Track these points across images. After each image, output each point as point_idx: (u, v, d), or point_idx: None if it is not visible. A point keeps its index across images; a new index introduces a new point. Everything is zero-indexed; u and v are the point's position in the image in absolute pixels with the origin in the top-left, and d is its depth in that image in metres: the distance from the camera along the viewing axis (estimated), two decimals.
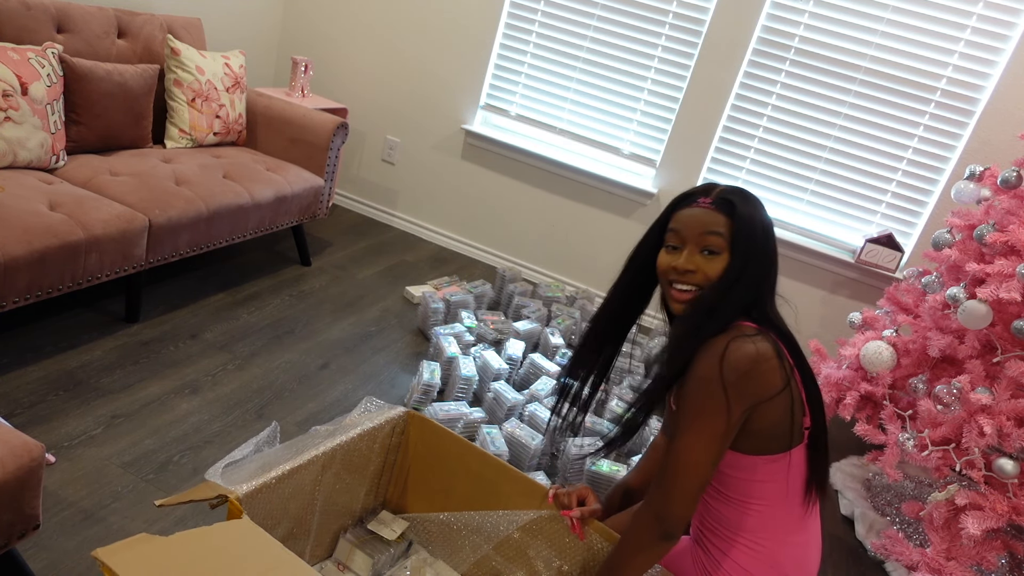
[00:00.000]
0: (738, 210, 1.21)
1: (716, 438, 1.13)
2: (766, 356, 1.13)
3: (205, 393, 2.16)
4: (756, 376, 1.12)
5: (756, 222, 1.22)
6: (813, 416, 1.22)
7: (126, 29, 2.74)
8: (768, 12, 3.03)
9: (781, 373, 1.14)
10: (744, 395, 1.12)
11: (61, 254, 1.96)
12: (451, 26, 3.53)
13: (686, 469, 1.14)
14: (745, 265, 1.20)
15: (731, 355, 1.12)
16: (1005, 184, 2.22)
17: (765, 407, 1.15)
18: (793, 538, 1.26)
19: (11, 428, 1.20)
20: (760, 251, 1.21)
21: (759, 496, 1.23)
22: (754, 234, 1.21)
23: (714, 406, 1.12)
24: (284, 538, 1.42)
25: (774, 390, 1.14)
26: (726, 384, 1.11)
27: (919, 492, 2.52)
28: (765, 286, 1.23)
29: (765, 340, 1.15)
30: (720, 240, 1.21)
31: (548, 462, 2.29)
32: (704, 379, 1.14)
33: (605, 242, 3.53)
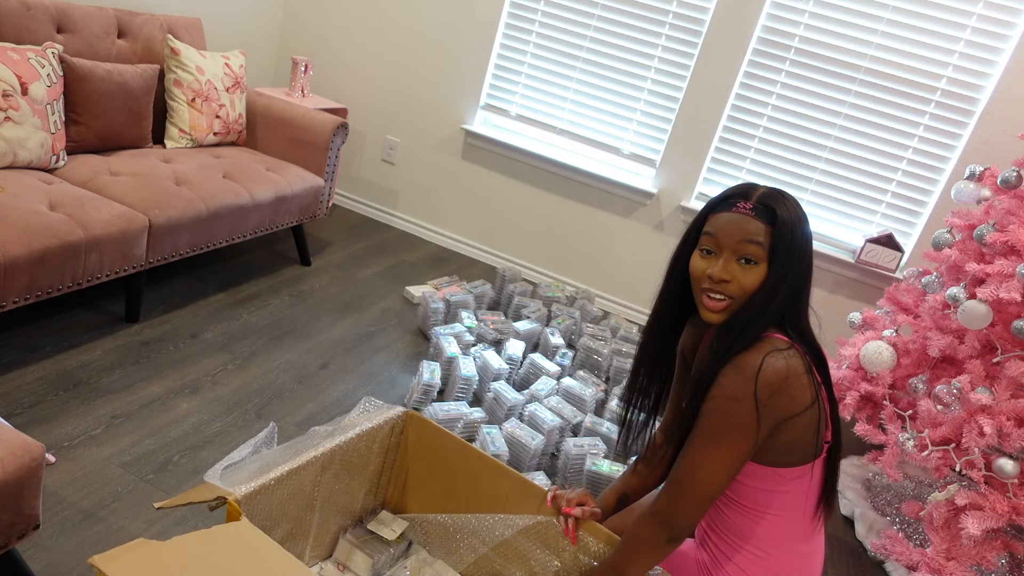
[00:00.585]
0: (780, 218, 1.15)
1: (739, 456, 1.12)
2: (797, 372, 1.10)
3: (205, 393, 2.16)
4: (786, 393, 1.10)
5: (797, 232, 1.16)
6: (834, 431, 1.20)
7: (126, 29, 2.74)
8: (768, 12, 3.03)
9: (810, 390, 1.12)
10: (773, 413, 1.10)
11: (61, 254, 1.96)
12: (451, 26, 3.53)
13: (703, 483, 1.13)
14: (784, 277, 1.15)
15: (765, 373, 1.08)
16: (1005, 184, 2.22)
17: (792, 422, 1.13)
18: (800, 547, 1.25)
19: (11, 428, 1.20)
20: (799, 262, 1.16)
21: (775, 507, 1.22)
22: (794, 245, 1.15)
23: (743, 425, 1.10)
24: (283, 539, 1.42)
25: (802, 406, 1.12)
26: (759, 403, 1.08)
27: (919, 492, 2.52)
28: (801, 298, 1.19)
29: (796, 355, 1.12)
30: (759, 250, 1.15)
31: (548, 462, 2.29)
32: (735, 398, 1.10)
33: (605, 242, 3.53)
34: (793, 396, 1.10)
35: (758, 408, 1.09)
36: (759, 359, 1.10)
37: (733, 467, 1.12)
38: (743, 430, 1.10)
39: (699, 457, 1.13)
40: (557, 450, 2.33)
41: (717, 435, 1.12)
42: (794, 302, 1.17)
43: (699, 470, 1.13)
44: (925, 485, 2.55)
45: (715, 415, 1.12)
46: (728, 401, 1.10)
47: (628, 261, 3.52)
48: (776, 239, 1.15)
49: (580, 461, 2.16)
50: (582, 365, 2.85)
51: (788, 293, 1.16)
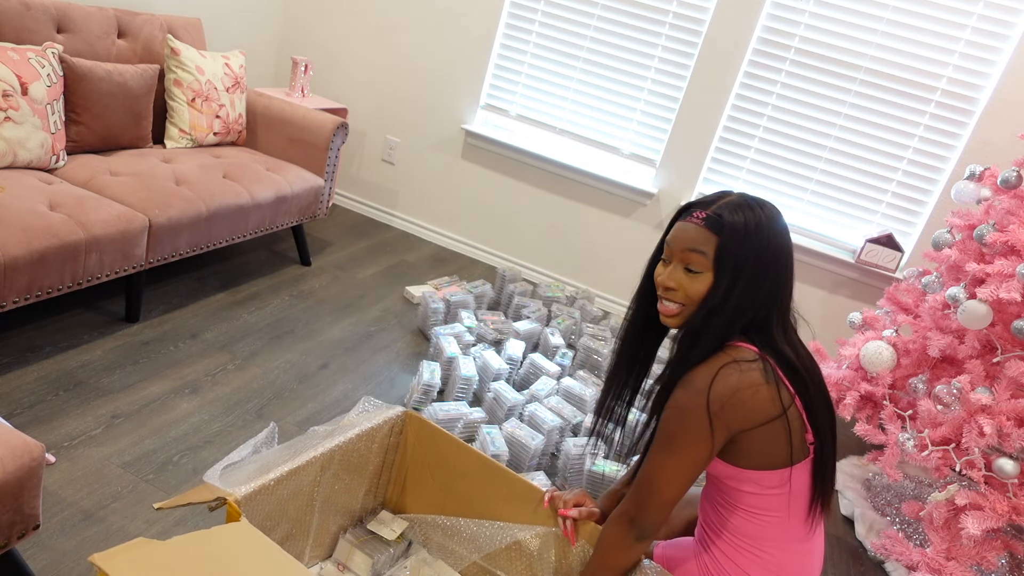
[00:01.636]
0: (726, 228, 1.15)
1: (695, 463, 1.16)
2: (752, 384, 1.12)
3: (205, 393, 2.16)
4: (739, 406, 1.12)
5: (748, 242, 1.15)
6: (818, 432, 1.20)
7: (126, 29, 2.74)
8: (768, 12, 3.03)
9: (771, 401, 1.13)
10: (726, 424, 1.13)
11: (61, 254, 1.96)
12: (451, 26, 3.53)
13: (662, 488, 1.17)
14: (731, 288, 1.16)
15: (716, 386, 1.11)
16: (1005, 184, 2.22)
17: (752, 432, 1.15)
18: (799, 546, 1.26)
19: (11, 428, 1.20)
20: (752, 272, 1.16)
21: (765, 507, 1.23)
22: (744, 255, 1.15)
23: (695, 435, 1.14)
24: (283, 539, 1.42)
25: (761, 417, 1.13)
26: (710, 415, 1.12)
27: (919, 492, 2.52)
28: (765, 308, 1.18)
29: (756, 368, 1.13)
30: (702, 259, 1.17)
31: (548, 462, 2.29)
32: (687, 409, 1.14)
33: (605, 242, 3.53)
34: (747, 408, 1.13)
35: (710, 419, 1.12)
36: (713, 372, 1.13)
37: (690, 472, 1.16)
38: (695, 439, 1.14)
39: (657, 464, 1.18)
40: (557, 450, 2.33)
41: (672, 443, 1.16)
42: (755, 310, 1.17)
43: (657, 476, 1.17)
44: (925, 485, 2.55)
45: (669, 424, 1.16)
46: (681, 411, 1.14)
47: (628, 261, 3.52)
48: (721, 249, 1.16)
49: (580, 461, 2.16)
50: (582, 365, 2.85)
51: (740, 302, 1.16)
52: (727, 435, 1.15)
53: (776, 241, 1.18)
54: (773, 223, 1.18)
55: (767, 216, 1.18)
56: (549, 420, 2.27)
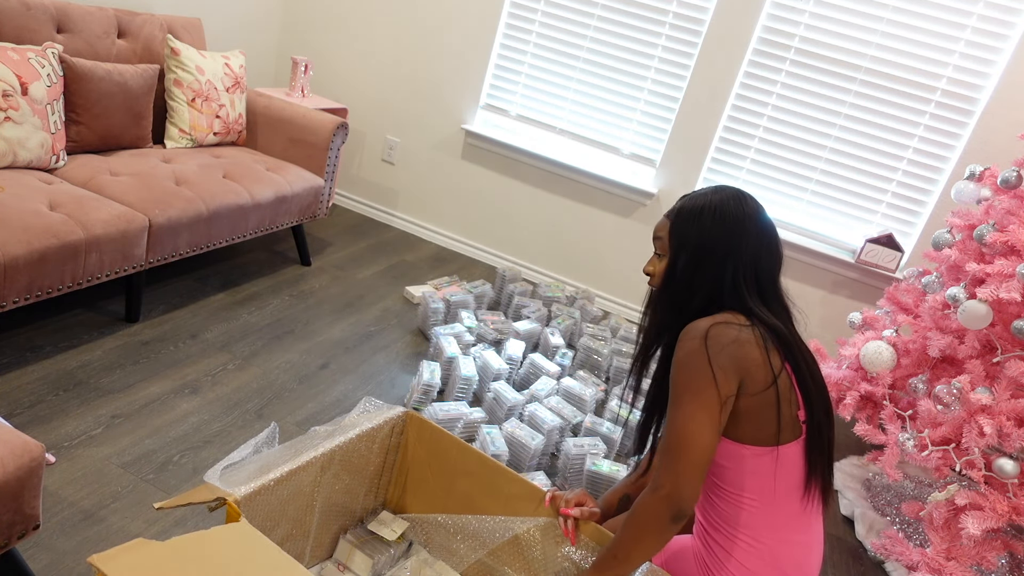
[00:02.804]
0: (676, 215, 1.31)
1: (710, 408, 1.17)
2: (748, 341, 1.19)
3: (205, 393, 2.16)
4: (737, 354, 1.17)
5: (691, 222, 1.28)
6: (810, 410, 1.22)
7: (126, 29, 2.74)
8: (768, 12, 3.03)
9: (765, 366, 1.18)
10: (729, 367, 1.17)
11: (61, 254, 1.96)
12: (451, 26, 3.53)
13: (687, 442, 1.16)
14: (677, 261, 1.29)
15: (712, 332, 1.18)
16: (1005, 184, 2.22)
17: (750, 383, 1.18)
18: (794, 537, 1.26)
19: (11, 428, 1.20)
20: (695, 246, 1.27)
21: (751, 489, 1.24)
22: (687, 233, 1.28)
23: (702, 377, 1.17)
24: (283, 539, 1.42)
25: (758, 376, 1.18)
26: (710, 356, 1.17)
27: (919, 492, 2.52)
28: (724, 281, 1.26)
29: (748, 330, 1.20)
30: (662, 244, 1.33)
31: (548, 462, 2.29)
32: (687, 356, 1.19)
33: (605, 242, 3.53)
34: (745, 359, 1.18)
35: (711, 360, 1.17)
36: (709, 323, 1.21)
37: (710, 420, 1.17)
38: (705, 382, 1.17)
39: (678, 419, 1.18)
40: (557, 450, 2.33)
41: (686, 391, 1.18)
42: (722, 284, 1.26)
43: (682, 431, 1.17)
44: (925, 485, 2.55)
45: (676, 376, 1.20)
46: (685, 358, 1.19)
47: (628, 261, 3.52)
48: (671, 231, 1.31)
49: (580, 461, 2.16)
50: (582, 365, 2.85)
51: (694, 274, 1.27)
52: (731, 381, 1.18)
53: (727, 219, 1.27)
54: (725, 204, 1.28)
55: (721, 199, 1.29)
56: (549, 420, 2.27)
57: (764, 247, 1.28)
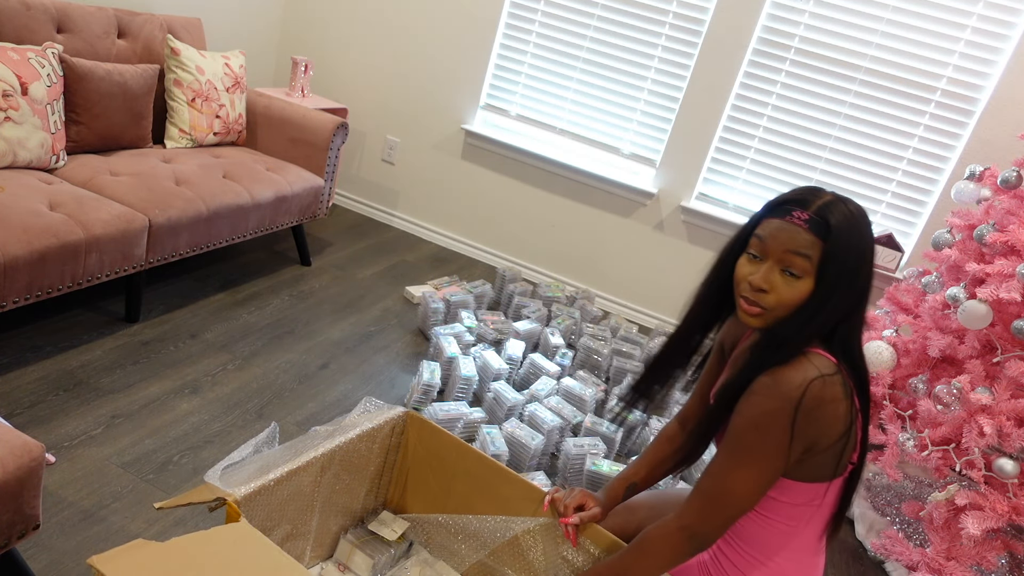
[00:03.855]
0: (834, 233, 1.07)
1: (769, 475, 1.10)
2: (835, 399, 1.07)
3: (205, 393, 2.16)
4: (822, 420, 1.07)
5: (852, 248, 1.08)
6: (862, 453, 1.18)
7: (126, 29, 2.74)
8: (768, 12, 3.03)
9: (847, 417, 1.09)
10: (807, 436, 1.08)
11: (61, 254, 1.96)
12: (451, 26, 3.53)
13: (732, 501, 1.10)
14: (831, 296, 1.09)
15: (805, 400, 1.05)
16: (1005, 184, 2.22)
17: (822, 446, 1.10)
18: (809, 559, 1.24)
19: (11, 428, 1.20)
20: (850, 282, 1.09)
21: (786, 517, 1.20)
22: (848, 263, 1.08)
23: (777, 445, 1.07)
24: (283, 539, 1.42)
25: (836, 433, 1.09)
26: (794, 428, 1.06)
27: (919, 492, 2.52)
28: (855, 317, 1.13)
29: (838, 381, 1.07)
30: (806, 263, 1.09)
31: (548, 462, 2.29)
32: (770, 419, 1.06)
33: (605, 242, 3.53)
34: (828, 422, 1.07)
35: (793, 432, 1.06)
36: (800, 383, 1.05)
37: (764, 485, 1.10)
38: (777, 450, 1.07)
39: (732, 475, 1.10)
40: (557, 450, 2.33)
41: (752, 454, 1.08)
42: (845, 320, 1.11)
43: (732, 489, 1.10)
44: (925, 485, 2.55)
45: (749, 433, 1.08)
46: (764, 419, 1.07)
47: (628, 261, 3.52)
48: (826, 255, 1.08)
49: (580, 461, 2.16)
50: (582, 365, 2.85)
51: (834, 312, 1.10)
52: (803, 448, 1.09)
53: (869, 245, 1.12)
54: (870, 230, 1.12)
55: (866, 223, 1.12)
56: (549, 420, 2.27)
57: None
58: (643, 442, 2.44)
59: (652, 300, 3.52)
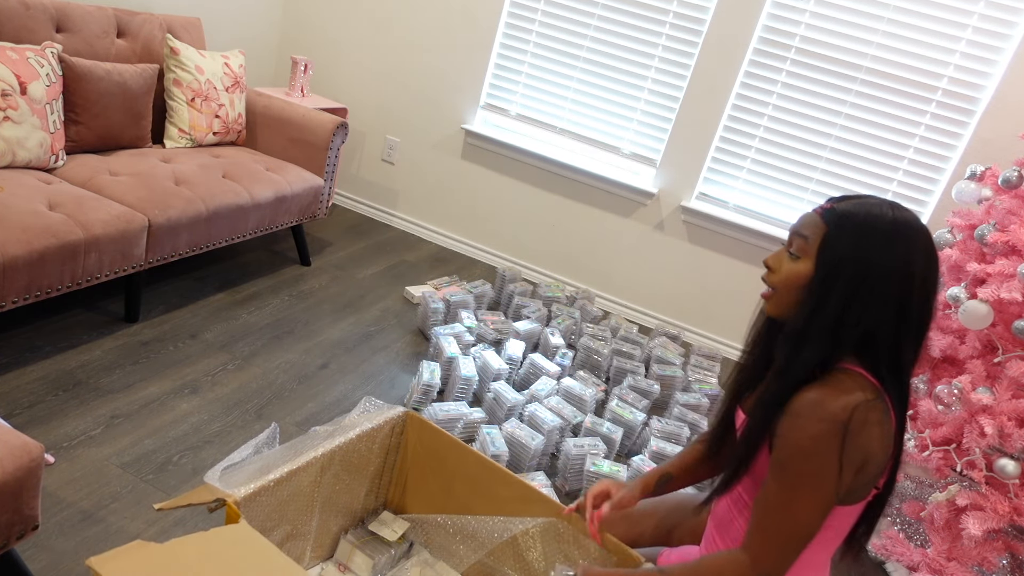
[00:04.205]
0: (837, 220, 1.06)
1: (827, 497, 1.04)
2: (879, 423, 1.03)
3: (205, 393, 2.16)
4: (871, 443, 1.03)
5: (858, 241, 1.04)
6: (891, 480, 1.13)
7: (125, 29, 2.74)
8: (769, 12, 3.02)
9: (889, 442, 1.05)
10: (857, 459, 1.03)
11: (60, 254, 1.96)
12: (451, 26, 3.53)
13: (794, 531, 1.05)
14: (830, 285, 1.05)
15: (856, 419, 1.00)
16: (1006, 184, 2.22)
17: (868, 468, 1.05)
18: (818, 573, 1.20)
19: (10, 428, 1.19)
20: (855, 275, 1.03)
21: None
22: (848, 254, 1.04)
23: (828, 469, 1.02)
24: (283, 540, 1.42)
25: (885, 457, 1.05)
26: (844, 451, 1.01)
27: (920, 492, 2.51)
28: (888, 331, 1.04)
29: (880, 408, 1.02)
30: (803, 243, 1.08)
31: (548, 462, 2.29)
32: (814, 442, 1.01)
33: (605, 242, 3.53)
34: (876, 445, 1.03)
35: (842, 456, 1.01)
36: (844, 405, 1.00)
37: (825, 510, 1.05)
38: (828, 475, 1.02)
39: (789, 507, 1.05)
40: (557, 450, 2.32)
41: (801, 482, 1.03)
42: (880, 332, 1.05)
43: (791, 519, 1.04)
44: (926, 485, 2.54)
45: (796, 461, 1.04)
46: (811, 443, 1.02)
47: (628, 261, 3.51)
48: (825, 239, 1.06)
49: (580, 461, 2.16)
50: (582, 365, 2.84)
51: (848, 310, 1.04)
52: (856, 469, 1.04)
53: (899, 251, 1.03)
54: (901, 230, 1.04)
55: (895, 219, 1.04)
56: (549, 420, 2.26)
57: (936, 287, 1.06)
58: (643, 443, 2.43)
59: (652, 300, 3.52)
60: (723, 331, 3.43)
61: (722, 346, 3.42)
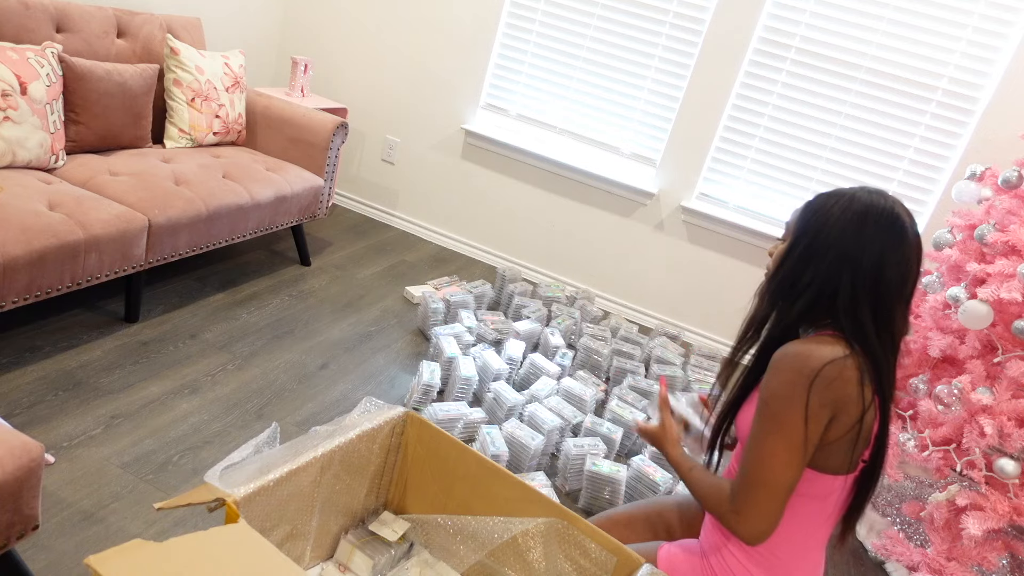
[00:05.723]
0: (810, 202, 1.22)
1: (795, 447, 1.11)
2: (851, 380, 1.11)
3: (205, 393, 2.16)
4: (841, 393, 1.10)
5: (816, 216, 1.18)
6: (878, 451, 1.18)
7: (125, 29, 2.74)
8: (769, 12, 3.02)
9: (861, 401, 1.11)
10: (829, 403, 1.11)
11: (60, 254, 1.96)
12: (451, 26, 3.53)
13: (768, 477, 1.12)
14: (792, 250, 1.20)
15: (825, 371, 1.10)
16: (1006, 184, 2.22)
17: (837, 427, 1.12)
18: (809, 555, 1.23)
19: (10, 428, 1.20)
20: (814, 238, 1.17)
21: (791, 509, 1.20)
22: (806, 227, 1.19)
23: (795, 415, 1.10)
24: (283, 540, 1.42)
25: (856, 412, 1.12)
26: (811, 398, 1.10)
27: (920, 492, 2.52)
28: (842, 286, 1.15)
29: (851, 365, 1.11)
30: (787, 229, 1.26)
31: (548, 462, 2.29)
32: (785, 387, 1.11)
33: (605, 242, 3.53)
34: (847, 396, 1.11)
35: (810, 396, 1.10)
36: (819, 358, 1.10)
37: (797, 456, 1.12)
38: (801, 418, 1.11)
39: (763, 452, 1.13)
40: (557, 450, 2.32)
41: (775, 422, 1.12)
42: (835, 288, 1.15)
43: (765, 459, 1.13)
44: (926, 485, 2.54)
45: (772, 403, 1.13)
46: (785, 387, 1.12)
47: (628, 261, 3.51)
48: (797, 217, 1.23)
49: (580, 461, 2.16)
50: (582, 365, 2.84)
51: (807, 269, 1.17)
52: (821, 423, 1.12)
53: (849, 217, 1.15)
54: (858, 199, 1.16)
55: (857, 194, 1.17)
56: (549, 420, 2.26)
57: (896, 259, 1.14)
58: (643, 443, 2.43)
59: (652, 300, 3.52)
60: (723, 331, 3.43)
61: (722, 346, 3.42)
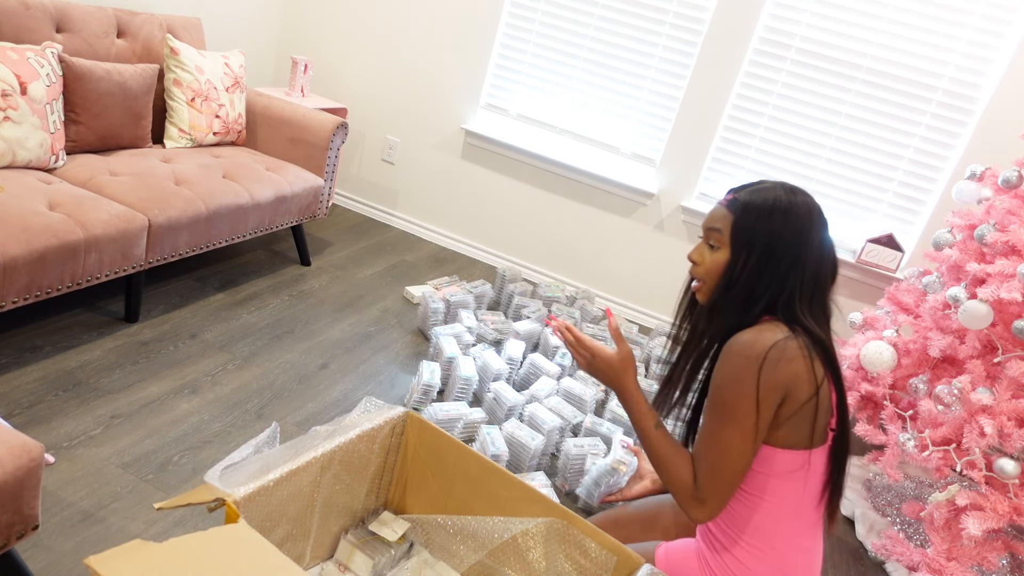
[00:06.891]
0: (741, 207, 1.23)
1: (748, 433, 1.17)
2: (796, 357, 1.16)
3: (205, 393, 2.16)
4: (789, 372, 1.15)
5: (760, 221, 1.21)
6: (842, 419, 1.23)
7: (125, 29, 2.74)
8: (768, 12, 3.02)
9: (811, 376, 1.17)
10: (778, 384, 1.15)
11: (60, 254, 1.96)
12: (451, 25, 3.53)
13: (726, 460, 1.18)
14: (744, 262, 1.22)
15: (771, 356, 1.15)
16: (1006, 184, 2.22)
17: (792, 398, 1.17)
18: (804, 543, 1.25)
19: (10, 428, 1.20)
20: (763, 249, 1.21)
21: (772, 493, 1.23)
22: (756, 232, 1.21)
23: (747, 401, 1.16)
24: (283, 540, 1.42)
25: (808, 389, 1.17)
26: (761, 381, 1.15)
27: (920, 492, 2.52)
28: (785, 288, 1.21)
29: (794, 344, 1.16)
30: (718, 236, 1.26)
31: (548, 462, 2.29)
32: (736, 373, 1.16)
33: (605, 242, 3.53)
34: (795, 375, 1.16)
35: (760, 380, 1.14)
36: (764, 342, 1.15)
37: (749, 442, 1.17)
38: (752, 402, 1.15)
39: (718, 439, 1.18)
40: (557, 450, 2.32)
41: (727, 409, 1.17)
42: (781, 291, 1.21)
43: (722, 445, 1.18)
44: (926, 485, 2.54)
45: (723, 390, 1.18)
46: (735, 373, 1.16)
47: (628, 261, 3.51)
48: (734, 227, 1.24)
49: (580, 461, 2.16)
50: None
51: (758, 278, 1.21)
52: (772, 404, 1.17)
53: (795, 224, 1.21)
54: (794, 208, 1.22)
55: (789, 201, 1.22)
56: (549, 420, 2.26)
57: (831, 252, 1.25)
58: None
59: (652, 300, 3.52)
60: None
61: None
